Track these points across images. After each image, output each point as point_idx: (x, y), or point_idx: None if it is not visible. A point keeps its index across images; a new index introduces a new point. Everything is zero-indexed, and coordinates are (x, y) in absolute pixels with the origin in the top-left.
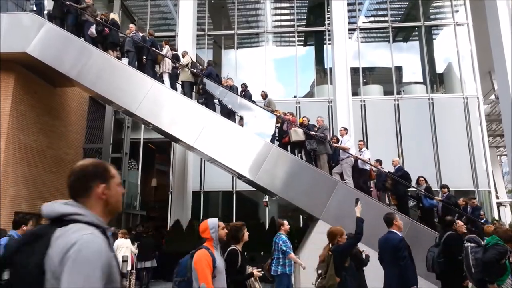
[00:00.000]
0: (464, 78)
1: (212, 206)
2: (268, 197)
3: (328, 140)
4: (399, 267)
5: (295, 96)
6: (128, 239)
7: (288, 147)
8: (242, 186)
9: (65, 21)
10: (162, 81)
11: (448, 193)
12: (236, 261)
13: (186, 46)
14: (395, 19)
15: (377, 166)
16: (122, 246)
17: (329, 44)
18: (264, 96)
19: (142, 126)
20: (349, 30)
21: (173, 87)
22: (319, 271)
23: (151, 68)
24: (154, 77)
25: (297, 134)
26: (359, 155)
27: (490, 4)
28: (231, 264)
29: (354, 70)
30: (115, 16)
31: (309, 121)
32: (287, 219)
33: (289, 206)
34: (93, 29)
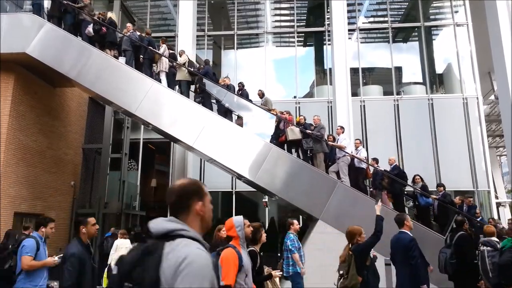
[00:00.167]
0: (464, 79)
1: (212, 207)
2: (268, 198)
3: (325, 139)
4: (410, 267)
5: (295, 97)
6: (128, 240)
7: (285, 146)
8: (242, 187)
9: (63, 20)
10: (159, 80)
11: (444, 192)
12: (256, 262)
13: (186, 47)
14: (395, 20)
15: (374, 165)
16: (122, 247)
17: (329, 45)
18: (261, 95)
19: (142, 127)
20: (349, 31)
21: (170, 86)
22: (341, 271)
23: (148, 67)
24: (151, 76)
25: (294, 133)
26: (356, 154)
27: (490, 5)
28: (254, 266)
29: (354, 71)
30: (113, 15)
31: (306, 120)
32: (287, 219)
33: (289, 207)
34: (90, 28)
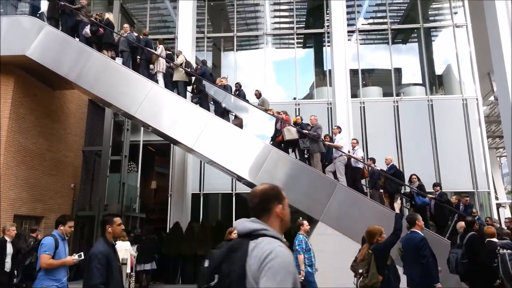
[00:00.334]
0: (463, 80)
1: (212, 208)
2: None
3: (322, 139)
4: (421, 266)
5: (295, 98)
6: (127, 242)
7: (282, 146)
8: (242, 188)
9: (60, 22)
10: (156, 81)
11: (441, 191)
12: None
13: (186, 49)
14: (394, 21)
15: (370, 164)
16: (121, 249)
17: (328, 46)
18: (258, 95)
19: (142, 129)
20: (348, 32)
21: (168, 87)
22: (360, 270)
23: (146, 68)
24: (149, 77)
25: (291, 133)
26: (352, 154)
27: (489, 6)
28: None
29: (353, 72)
30: (110, 16)
31: (303, 120)
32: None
33: (289, 208)
34: (88, 29)
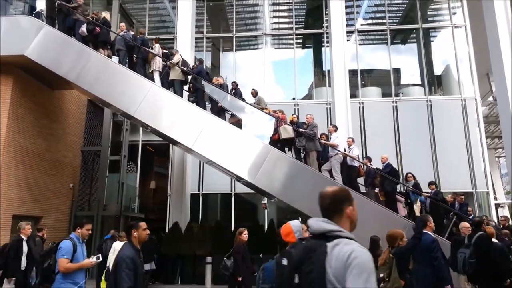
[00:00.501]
0: (462, 80)
1: (211, 209)
2: (267, 199)
3: (318, 137)
4: (433, 267)
5: (294, 98)
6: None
7: (278, 145)
8: (241, 188)
9: (57, 20)
10: (153, 80)
11: (436, 189)
12: None
13: (185, 49)
14: (393, 22)
15: (366, 163)
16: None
17: (327, 47)
18: (254, 94)
19: (141, 129)
20: (347, 33)
21: (164, 86)
22: (381, 275)
23: (142, 67)
24: (145, 76)
25: (287, 132)
26: (348, 152)
27: (488, 6)
28: None
29: (352, 72)
30: (107, 15)
31: (299, 119)
32: (285, 221)
33: (288, 208)
34: (84, 28)
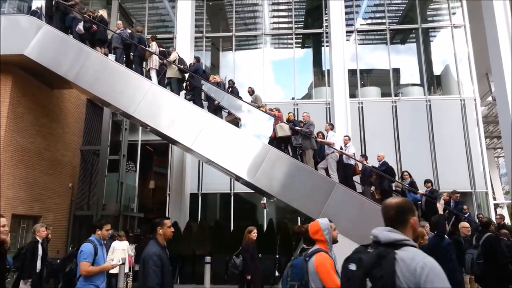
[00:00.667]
0: (461, 80)
1: (210, 208)
2: (266, 199)
3: (314, 136)
4: (448, 270)
5: (293, 98)
6: (126, 241)
7: (274, 143)
8: (240, 188)
9: (54, 18)
10: (149, 78)
11: (432, 188)
12: None
13: (184, 48)
14: (393, 21)
15: (362, 161)
16: (118, 248)
17: (327, 46)
18: (251, 92)
19: (140, 128)
20: (347, 32)
21: (161, 84)
22: None
23: (139, 65)
24: (142, 74)
25: (283, 130)
26: (344, 150)
27: (487, 6)
28: None
29: (352, 72)
30: (104, 13)
31: (295, 117)
32: (285, 221)
33: (287, 208)
34: (81, 26)
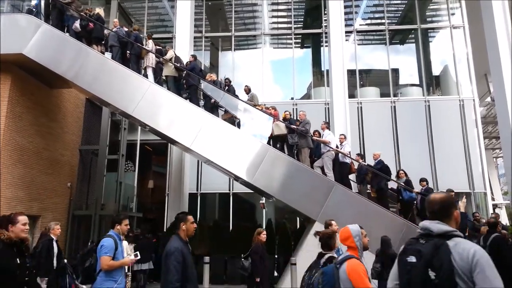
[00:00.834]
0: (460, 81)
1: (209, 208)
2: (265, 199)
3: (310, 134)
4: None
5: (292, 98)
6: (125, 241)
7: (270, 141)
8: (239, 188)
9: (50, 16)
10: (146, 76)
11: (427, 186)
12: None
13: (184, 48)
14: (392, 22)
15: (358, 160)
16: None
17: (326, 46)
18: (247, 91)
19: (139, 128)
20: (346, 33)
21: (157, 82)
22: None
23: (135, 63)
24: (138, 72)
25: (279, 128)
26: (340, 149)
27: (486, 7)
28: None
29: (351, 72)
30: (100, 11)
31: (292, 116)
32: (284, 221)
33: (286, 208)
34: (77, 24)
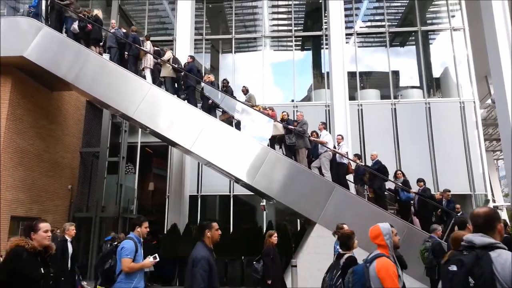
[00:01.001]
0: (461, 83)
1: (210, 210)
2: (266, 201)
3: (308, 134)
4: None
5: (293, 100)
6: None
7: (268, 141)
8: (240, 190)
9: (49, 17)
10: (144, 77)
11: (424, 186)
12: None
13: (184, 50)
14: (392, 24)
15: (355, 160)
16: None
17: (327, 49)
18: (245, 92)
19: (140, 130)
20: (346, 35)
21: (155, 83)
22: None
23: (133, 64)
24: (136, 73)
25: (277, 129)
26: (338, 150)
27: (486, 9)
28: None
29: (351, 75)
30: (99, 12)
31: (289, 116)
32: (284, 223)
33: (287, 210)
34: (76, 25)
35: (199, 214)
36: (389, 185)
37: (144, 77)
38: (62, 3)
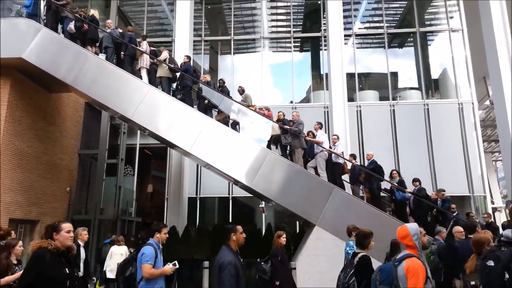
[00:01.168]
0: (459, 84)
1: (208, 212)
2: (265, 203)
3: (304, 134)
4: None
5: (291, 102)
6: (124, 246)
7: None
8: (239, 192)
9: (46, 18)
10: (140, 77)
11: (420, 186)
12: (372, 269)
13: (183, 52)
14: (391, 25)
15: (351, 160)
16: (116, 253)
17: (325, 50)
18: (241, 92)
19: (138, 132)
20: (345, 36)
21: (151, 83)
22: (473, 282)
23: (129, 64)
24: (132, 73)
25: (273, 129)
26: (333, 149)
27: (485, 10)
28: (366, 272)
29: (350, 76)
30: (95, 13)
31: (285, 116)
32: (283, 225)
33: (286, 212)
34: (72, 25)
35: (198, 216)
36: (385, 185)
37: (140, 77)
38: (59, 3)
